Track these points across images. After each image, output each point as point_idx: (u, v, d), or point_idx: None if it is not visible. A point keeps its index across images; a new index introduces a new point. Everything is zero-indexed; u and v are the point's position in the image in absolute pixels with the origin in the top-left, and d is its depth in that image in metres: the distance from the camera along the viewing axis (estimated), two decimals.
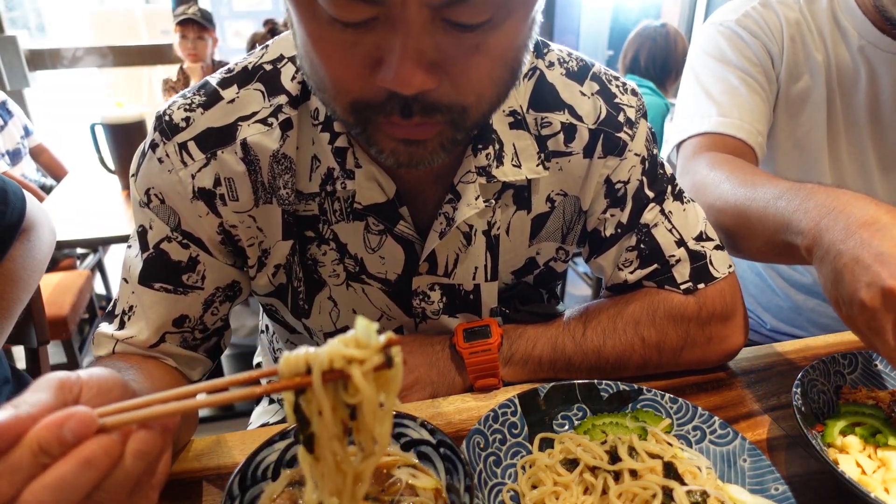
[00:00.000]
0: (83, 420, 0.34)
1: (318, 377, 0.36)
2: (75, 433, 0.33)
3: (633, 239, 0.76)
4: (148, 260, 0.68)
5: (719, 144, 0.95)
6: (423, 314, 0.77)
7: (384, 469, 0.55)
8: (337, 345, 0.36)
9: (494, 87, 0.52)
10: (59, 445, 0.33)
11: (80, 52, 3.37)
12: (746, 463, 0.59)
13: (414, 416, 0.57)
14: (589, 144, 0.71)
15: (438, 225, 0.69)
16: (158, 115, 0.66)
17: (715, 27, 1.04)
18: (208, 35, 2.89)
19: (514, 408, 0.64)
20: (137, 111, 1.99)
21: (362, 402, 0.37)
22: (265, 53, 0.68)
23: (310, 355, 0.36)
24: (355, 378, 0.35)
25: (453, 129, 0.53)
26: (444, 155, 0.55)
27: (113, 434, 0.35)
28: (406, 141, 0.53)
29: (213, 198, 0.66)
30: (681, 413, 0.64)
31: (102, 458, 0.34)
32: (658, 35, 2.46)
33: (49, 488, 0.33)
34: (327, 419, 0.37)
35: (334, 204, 0.69)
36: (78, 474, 0.33)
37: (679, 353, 0.75)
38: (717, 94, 0.99)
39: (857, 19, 0.97)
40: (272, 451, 0.55)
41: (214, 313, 0.72)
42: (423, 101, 0.49)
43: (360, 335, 0.36)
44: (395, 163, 0.55)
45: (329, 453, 0.38)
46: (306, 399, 0.37)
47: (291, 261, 0.72)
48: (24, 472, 0.33)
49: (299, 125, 0.66)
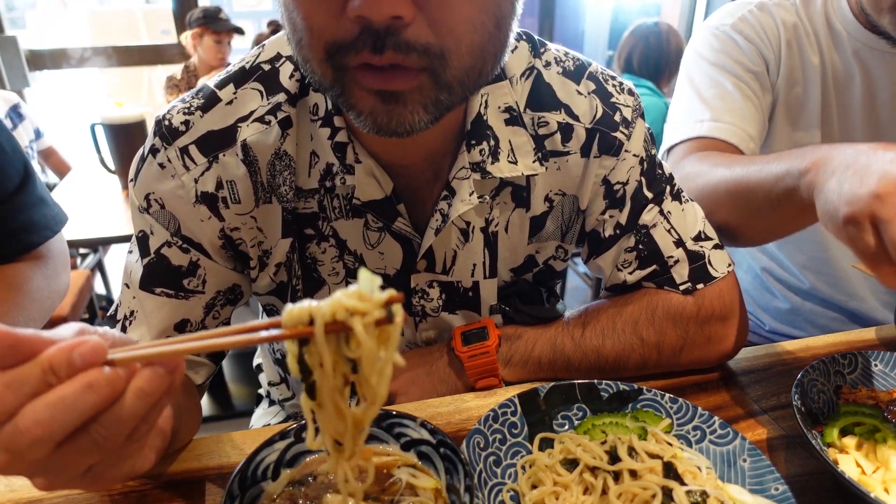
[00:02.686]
0: (94, 347, 0.35)
1: (321, 328, 0.36)
2: (84, 358, 0.35)
3: (631, 240, 0.76)
4: (148, 265, 0.68)
5: (710, 148, 0.95)
6: (423, 312, 0.77)
7: (384, 469, 0.55)
8: (340, 297, 0.36)
9: (475, 34, 0.51)
10: (67, 367, 0.34)
11: (80, 52, 3.37)
12: (746, 463, 0.59)
13: (414, 416, 0.57)
14: (585, 144, 0.71)
15: (434, 221, 0.69)
16: (158, 119, 0.66)
17: (711, 30, 1.03)
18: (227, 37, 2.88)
19: (514, 408, 0.64)
20: (137, 111, 2.00)
21: (363, 357, 0.37)
22: (262, 53, 0.68)
23: (313, 307, 0.36)
24: (357, 330, 0.36)
25: (433, 81, 0.51)
26: (427, 118, 0.53)
27: (119, 369, 0.36)
28: (383, 95, 0.51)
29: (215, 201, 0.66)
30: (681, 413, 0.64)
31: (104, 386, 0.35)
32: (651, 34, 2.46)
33: (49, 406, 0.34)
34: (328, 369, 0.37)
35: (333, 201, 0.69)
36: (78, 396, 0.34)
37: (678, 353, 0.75)
38: (711, 99, 0.98)
39: (850, 23, 0.97)
40: (272, 451, 0.55)
41: (216, 317, 0.72)
42: (395, 36, 0.48)
43: (363, 288, 0.36)
44: (376, 126, 0.53)
45: (330, 402, 0.39)
46: (309, 351, 0.37)
47: (291, 258, 0.72)
48: (30, 387, 0.34)
49: (298, 122, 0.66)
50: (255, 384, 1.07)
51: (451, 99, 0.54)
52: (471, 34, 0.50)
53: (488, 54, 0.53)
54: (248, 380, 2.51)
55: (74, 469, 0.37)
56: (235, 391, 2.47)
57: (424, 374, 0.76)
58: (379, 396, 0.38)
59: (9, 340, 0.34)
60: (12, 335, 0.34)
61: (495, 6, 0.51)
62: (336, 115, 0.64)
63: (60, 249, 1.00)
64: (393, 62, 0.49)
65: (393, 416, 0.58)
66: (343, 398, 0.39)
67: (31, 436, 0.34)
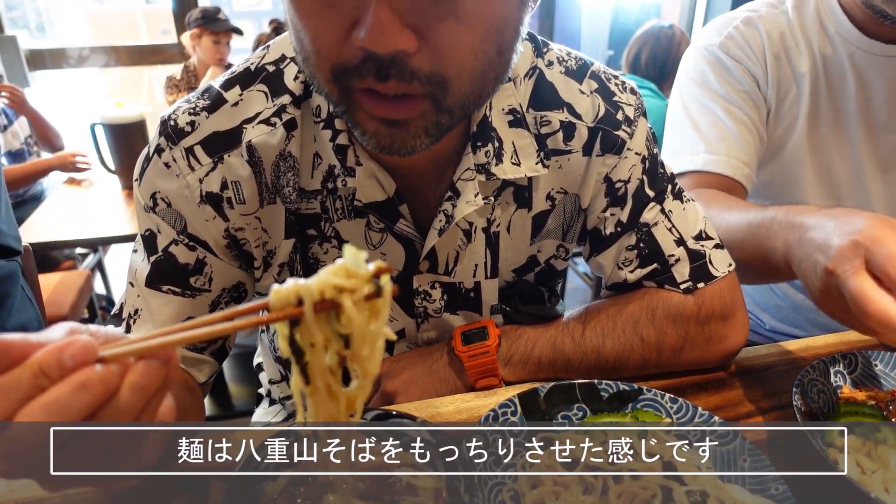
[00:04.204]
0: (84, 346, 0.35)
1: (311, 309, 0.36)
2: (75, 358, 0.34)
3: (632, 238, 0.76)
4: (156, 263, 0.68)
5: (705, 182, 0.98)
6: (425, 313, 0.77)
7: (384, 469, 0.55)
8: (326, 275, 0.36)
9: (477, 62, 0.51)
10: (58, 369, 0.34)
11: (80, 52, 3.37)
12: (746, 463, 0.59)
13: (414, 416, 0.57)
14: (588, 142, 0.72)
15: (438, 222, 0.69)
16: (163, 119, 0.67)
17: (700, 52, 1.04)
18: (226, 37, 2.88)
19: (514, 408, 0.64)
20: (137, 111, 2.00)
21: (354, 332, 0.37)
22: (266, 54, 0.68)
23: (300, 287, 0.36)
24: (347, 308, 0.35)
25: (436, 107, 0.52)
26: (428, 141, 0.54)
27: (111, 365, 0.35)
28: (387, 122, 0.52)
29: (220, 202, 0.66)
30: (681, 413, 0.64)
31: (97, 384, 0.34)
32: (663, 35, 2.45)
33: (44, 408, 0.34)
34: (319, 350, 0.37)
35: (336, 202, 0.69)
36: (72, 397, 0.34)
37: (679, 353, 0.75)
38: (705, 127, 1.00)
39: (844, 26, 0.96)
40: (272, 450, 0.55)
41: None
42: (399, 66, 0.48)
43: (349, 264, 0.36)
44: (378, 147, 0.54)
45: (322, 383, 0.39)
46: (300, 331, 0.37)
47: (294, 258, 0.72)
48: (23, 392, 0.34)
49: (302, 123, 0.67)
50: (255, 384, 1.07)
51: (451, 121, 0.54)
52: (472, 62, 0.51)
53: (489, 78, 0.54)
54: (248, 380, 2.51)
55: None
56: (235, 391, 2.47)
57: (424, 373, 0.76)
58: (371, 370, 0.38)
59: None
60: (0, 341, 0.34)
61: (498, 35, 0.51)
62: (337, 118, 0.65)
63: None
64: (397, 90, 0.50)
65: (393, 416, 0.58)
66: (336, 379, 0.39)
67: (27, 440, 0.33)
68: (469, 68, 0.51)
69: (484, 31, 0.50)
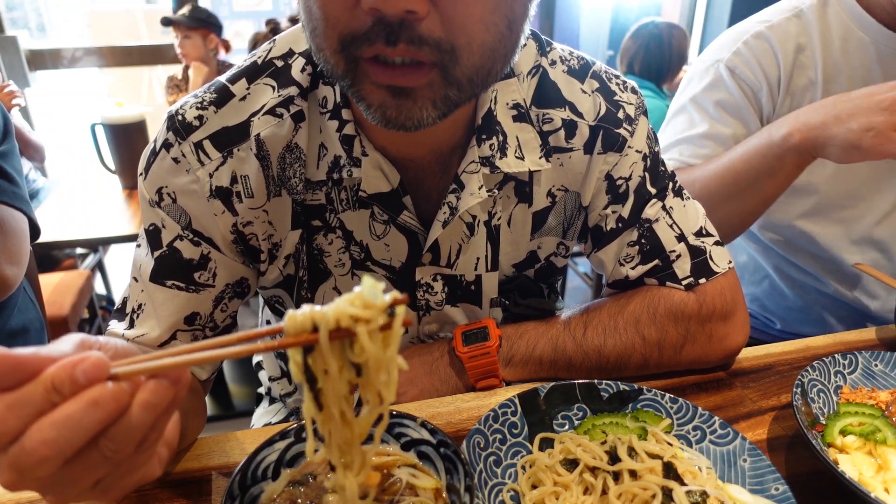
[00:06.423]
0: (96, 363, 0.35)
1: (326, 337, 0.36)
2: (87, 375, 0.34)
3: (634, 234, 0.76)
4: (160, 258, 0.68)
5: None
6: (427, 306, 0.77)
7: (384, 469, 0.55)
8: (343, 304, 0.36)
9: (487, 33, 0.51)
10: (70, 385, 0.34)
11: (80, 52, 3.37)
12: (746, 463, 0.59)
13: (414, 416, 0.57)
14: (589, 141, 0.72)
15: (442, 214, 0.69)
16: (170, 114, 0.67)
17: (707, 65, 1.04)
18: (195, 34, 2.85)
19: (514, 408, 0.64)
20: (137, 111, 2.00)
21: (368, 361, 0.37)
22: (273, 48, 0.69)
23: (315, 313, 0.36)
24: (361, 338, 0.35)
25: (444, 79, 0.52)
26: (435, 114, 0.54)
27: (123, 383, 0.35)
28: (393, 90, 0.52)
29: (229, 196, 0.66)
30: (681, 413, 0.64)
31: (109, 401, 0.34)
32: (651, 39, 2.47)
33: (55, 425, 0.33)
34: (333, 377, 0.37)
35: (341, 193, 0.69)
36: (84, 414, 0.34)
37: (679, 351, 0.75)
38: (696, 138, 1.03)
39: (871, 26, 0.95)
40: (272, 450, 0.55)
41: (224, 310, 0.72)
42: (409, 30, 0.48)
43: (367, 294, 0.36)
44: (384, 119, 0.54)
45: (336, 410, 0.39)
46: (313, 358, 0.37)
47: (300, 249, 0.72)
48: (34, 407, 0.34)
49: (309, 114, 0.67)
50: (255, 384, 1.07)
51: (459, 96, 0.54)
52: (482, 33, 0.51)
53: (498, 54, 0.54)
54: (248, 380, 2.51)
55: (84, 483, 0.37)
56: (235, 391, 2.47)
57: (425, 373, 0.76)
58: (388, 397, 0.38)
59: (10, 362, 0.34)
60: (13, 357, 0.34)
61: (508, 8, 0.51)
62: (344, 108, 0.65)
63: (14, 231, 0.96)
64: (405, 55, 0.50)
65: (393, 416, 0.58)
66: (349, 405, 0.39)
67: (38, 455, 0.33)
68: (478, 39, 0.51)
69: (494, 2, 0.50)
